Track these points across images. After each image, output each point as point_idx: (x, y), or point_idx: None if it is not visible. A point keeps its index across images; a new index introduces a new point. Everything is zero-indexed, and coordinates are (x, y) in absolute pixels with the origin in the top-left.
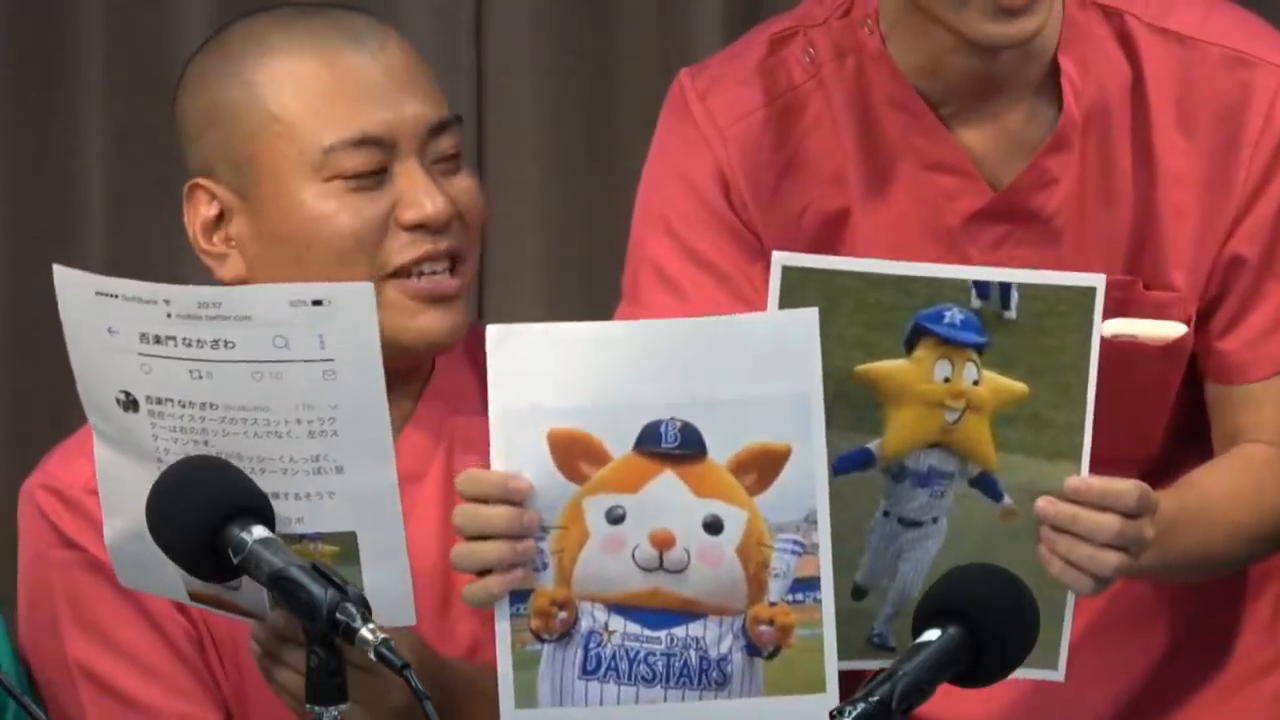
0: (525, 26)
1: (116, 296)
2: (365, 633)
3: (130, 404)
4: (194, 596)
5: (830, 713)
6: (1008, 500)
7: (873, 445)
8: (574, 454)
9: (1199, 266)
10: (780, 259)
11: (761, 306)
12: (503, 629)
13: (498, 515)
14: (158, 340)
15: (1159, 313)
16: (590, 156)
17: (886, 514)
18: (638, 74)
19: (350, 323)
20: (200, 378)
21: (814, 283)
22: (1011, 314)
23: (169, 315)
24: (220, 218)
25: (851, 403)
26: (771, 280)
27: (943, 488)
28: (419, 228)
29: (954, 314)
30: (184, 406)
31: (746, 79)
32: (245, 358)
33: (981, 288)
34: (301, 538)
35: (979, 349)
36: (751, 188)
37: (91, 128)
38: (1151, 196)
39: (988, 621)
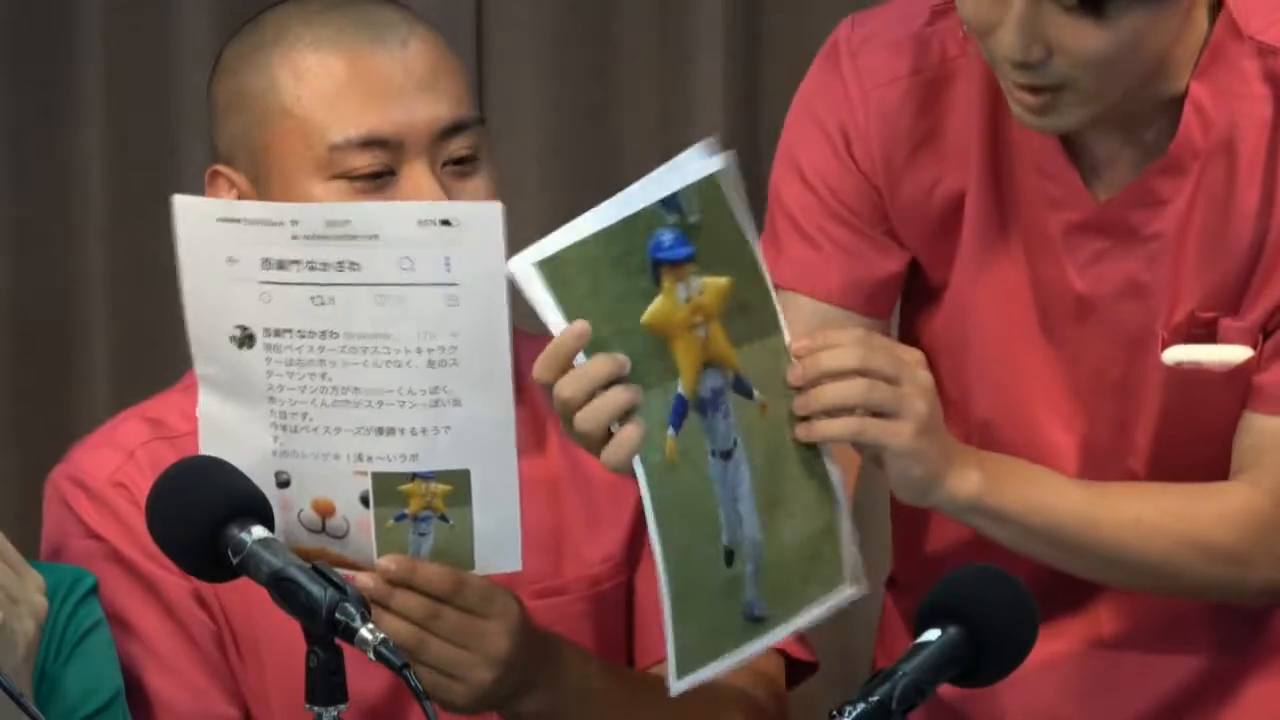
0: (525, 26)
1: (239, 220)
2: (365, 633)
3: (246, 339)
4: (297, 552)
5: (830, 712)
6: (758, 394)
7: (679, 390)
8: None
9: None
10: (523, 260)
11: (888, 255)
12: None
13: (595, 365)
14: (280, 265)
15: (1231, 339)
16: (590, 156)
17: (712, 453)
18: (638, 74)
19: (477, 245)
20: (322, 303)
21: (567, 261)
22: (694, 217)
23: (294, 237)
24: None
25: (652, 358)
26: (525, 285)
27: (725, 404)
28: None
29: (664, 235)
30: (303, 336)
31: (900, 44)
32: (370, 280)
33: (667, 203)
34: (414, 476)
35: (692, 259)
36: (884, 154)
37: (91, 128)
38: (1268, 241)
39: (988, 621)
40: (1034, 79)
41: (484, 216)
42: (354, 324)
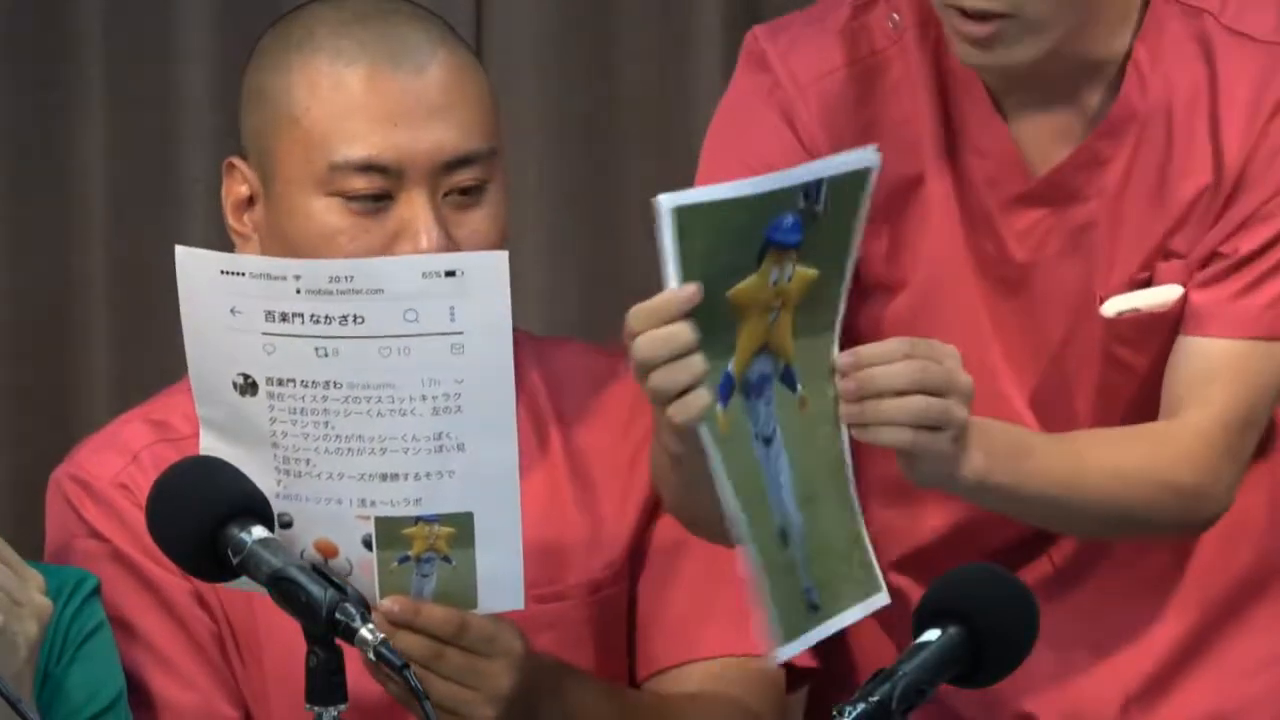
0: (525, 26)
1: (243, 274)
2: (365, 633)
3: (248, 387)
4: None
5: (830, 712)
6: (800, 389)
7: (729, 368)
8: None
9: (1220, 237)
10: (666, 201)
11: None
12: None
13: (684, 332)
14: (284, 318)
15: (1166, 279)
16: (590, 157)
17: (756, 436)
18: (638, 74)
19: (482, 294)
20: (326, 355)
21: (701, 219)
22: (820, 207)
23: (298, 291)
24: (250, 200)
25: (721, 331)
26: (663, 224)
27: (770, 393)
28: None
29: (786, 219)
30: (306, 386)
31: (828, 41)
32: (374, 333)
33: (809, 188)
34: (418, 520)
35: (798, 247)
36: (830, 144)
37: (91, 128)
38: (1208, 200)
39: (988, 621)
40: (980, 2)
41: (489, 266)
42: (358, 375)
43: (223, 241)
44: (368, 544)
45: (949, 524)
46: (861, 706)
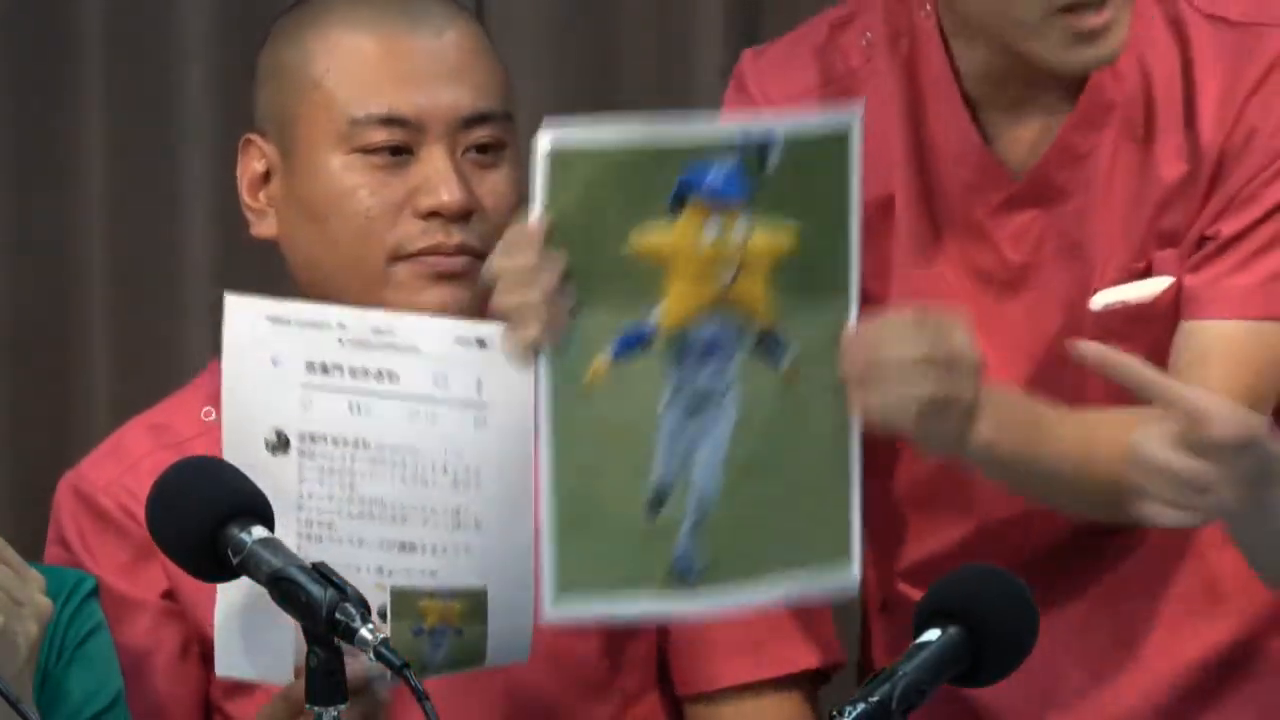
0: (525, 26)
1: (290, 323)
2: (364, 633)
3: (281, 444)
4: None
5: (830, 712)
6: (787, 362)
7: (649, 321)
8: None
9: (1208, 220)
10: (548, 139)
11: None
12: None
13: (523, 255)
14: (324, 370)
15: (1161, 270)
16: None
17: (675, 396)
18: (638, 74)
19: (510, 368)
20: (358, 413)
21: (580, 162)
22: (775, 162)
23: (340, 341)
24: (267, 175)
25: (625, 282)
26: (538, 166)
27: (727, 356)
28: (433, 215)
29: (716, 171)
30: (336, 445)
31: (804, 62)
32: (406, 392)
33: (744, 139)
34: (432, 593)
35: (744, 202)
36: None
37: (91, 127)
38: (1198, 181)
39: (988, 621)
40: None
41: None
42: (385, 435)
43: (223, 241)
44: (383, 614)
45: (967, 533)
46: (861, 706)
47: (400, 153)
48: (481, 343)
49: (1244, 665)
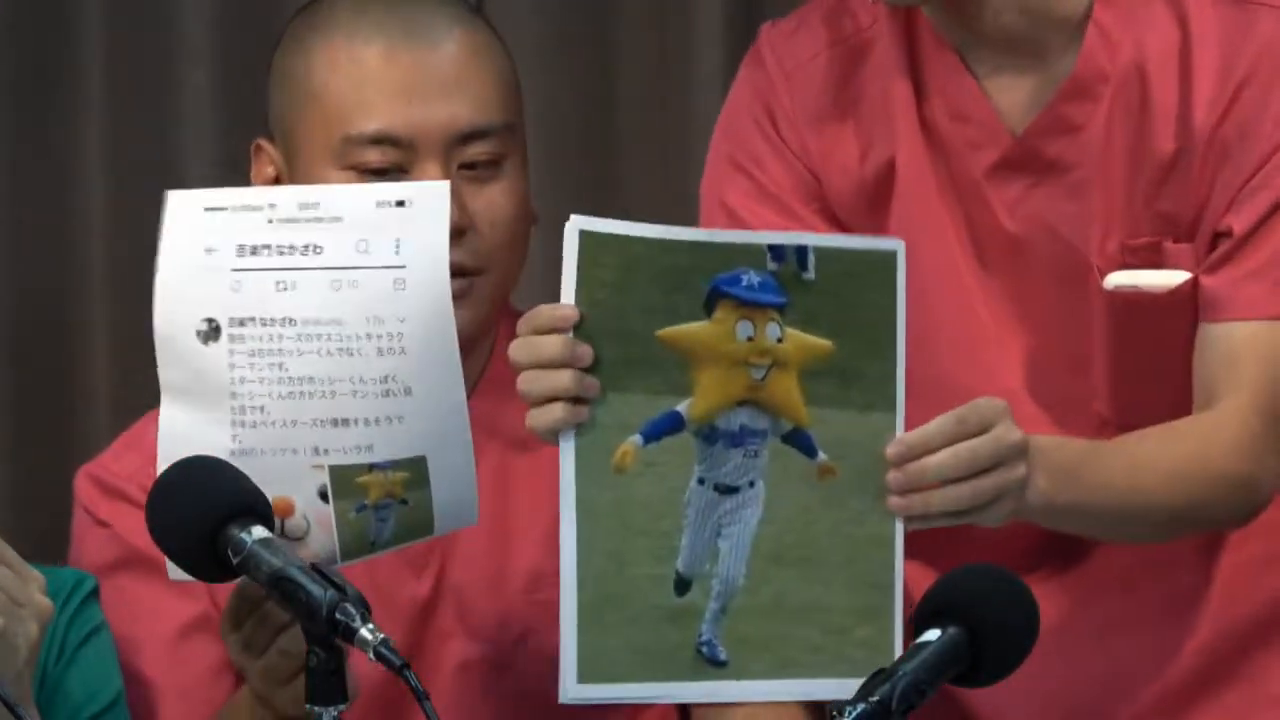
0: (525, 26)
1: (225, 209)
2: (365, 633)
3: (211, 333)
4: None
5: (830, 712)
6: (823, 456)
7: (681, 407)
8: None
9: (1218, 214)
10: (577, 223)
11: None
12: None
13: (548, 343)
14: (253, 251)
15: (1176, 263)
16: (590, 157)
17: (702, 481)
18: (638, 74)
19: (425, 224)
20: (285, 289)
21: (611, 248)
22: (810, 275)
23: (270, 221)
24: (277, 181)
25: (656, 367)
26: (567, 244)
27: (756, 446)
28: None
29: (750, 277)
30: (264, 325)
31: (815, 22)
32: (329, 264)
33: (776, 251)
34: (371, 467)
35: (779, 308)
36: (814, 129)
37: (91, 128)
38: (1191, 160)
39: (988, 621)
40: None
41: (432, 195)
42: (310, 310)
43: None
44: (324, 495)
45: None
46: (861, 706)
47: (394, 173)
48: (401, 204)
49: (1222, 670)
